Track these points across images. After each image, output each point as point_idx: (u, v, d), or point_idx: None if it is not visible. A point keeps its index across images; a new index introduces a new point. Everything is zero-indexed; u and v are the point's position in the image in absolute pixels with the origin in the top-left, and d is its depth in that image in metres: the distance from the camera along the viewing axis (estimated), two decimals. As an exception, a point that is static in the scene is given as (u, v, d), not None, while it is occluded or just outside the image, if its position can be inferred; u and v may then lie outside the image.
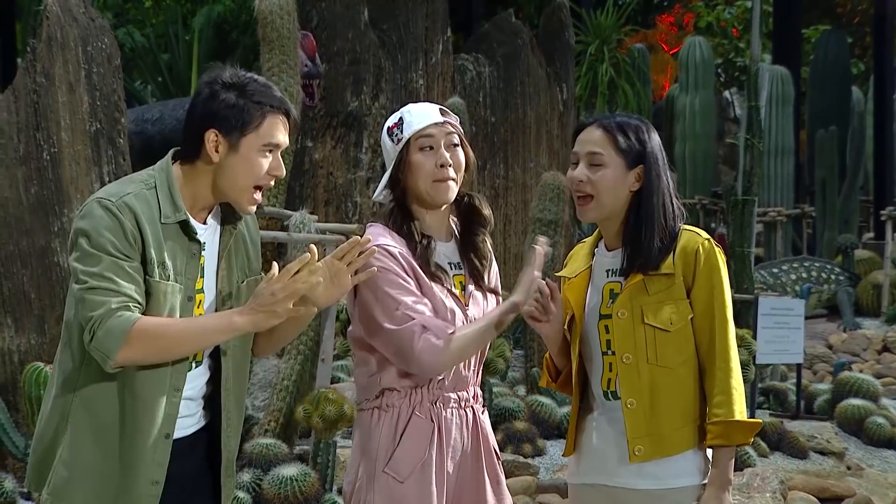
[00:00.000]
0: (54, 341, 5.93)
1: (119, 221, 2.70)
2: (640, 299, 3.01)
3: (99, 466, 2.75)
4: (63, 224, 5.97)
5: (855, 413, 7.85)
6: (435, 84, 10.44)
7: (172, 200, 2.79)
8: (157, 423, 2.75)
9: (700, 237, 3.05)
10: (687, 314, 3.01)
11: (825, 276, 13.02)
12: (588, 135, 3.08)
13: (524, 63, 10.83)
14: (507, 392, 7.33)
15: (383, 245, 3.01)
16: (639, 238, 3.02)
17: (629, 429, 3.01)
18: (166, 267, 2.75)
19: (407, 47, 10.25)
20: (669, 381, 3.01)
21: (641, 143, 3.05)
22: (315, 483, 5.46)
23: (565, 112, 11.18)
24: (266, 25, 7.28)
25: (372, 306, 3.00)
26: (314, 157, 9.84)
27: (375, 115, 9.99)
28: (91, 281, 2.66)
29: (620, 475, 3.04)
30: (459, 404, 3.10)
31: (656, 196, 3.03)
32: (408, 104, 3.20)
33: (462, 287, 3.13)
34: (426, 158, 3.05)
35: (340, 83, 9.85)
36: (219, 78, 2.83)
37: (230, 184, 2.81)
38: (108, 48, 6.30)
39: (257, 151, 2.81)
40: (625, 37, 17.86)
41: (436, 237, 3.11)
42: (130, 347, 2.63)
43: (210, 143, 2.79)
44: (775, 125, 16.20)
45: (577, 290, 3.13)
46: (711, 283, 3.01)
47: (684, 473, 3.01)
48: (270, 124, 2.81)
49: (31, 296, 5.90)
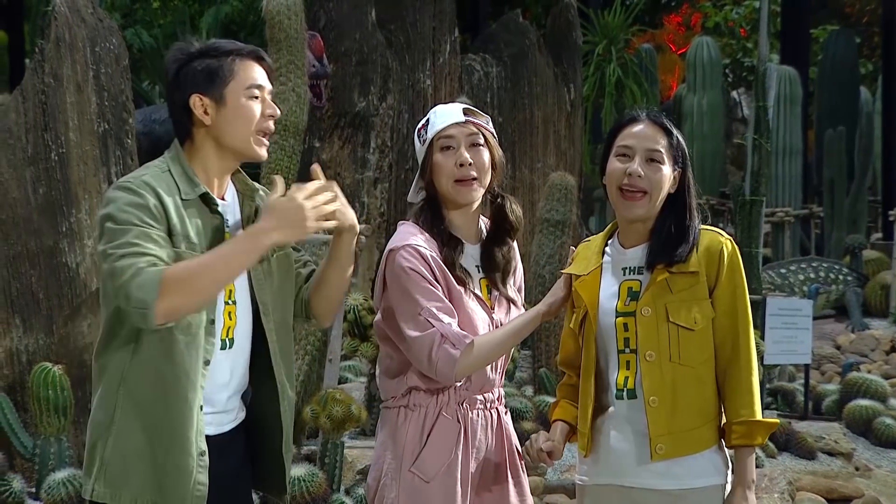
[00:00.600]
0: (62, 341, 5.94)
1: (141, 196, 2.73)
2: (664, 297, 3.00)
3: (150, 450, 2.79)
4: (71, 224, 5.98)
5: (863, 414, 7.83)
6: (442, 84, 10.44)
7: (188, 177, 2.82)
8: (197, 394, 2.78)
9: (722, 237, 3.07)
10: (709, 314, 3.01)
11: (833, 276, 12.99)
12: (644, 130, 3.06)
13: (531, 63, 10.82)
14: (514, 392, 7.33)
15: (414, 245, 3.04)
16: (670, 237, 3.03)
17: (651, 426, 3.00)
18: (192, 241, 2.77)
19: (414, 47, 10.26)
20: (690, 379, 3.01)
21: (682, 145, 3.11)
22: (322, 483, 5.46)
23: (573, 112, 11.17)
24: (273, 26, 7.27)
25: (397, 307, 3.03)
26: (322, 158, 9.84)
27: (383, 116, 9.99)
28: (117, 251, 2.67)
29: (639, 475, 3.03)
30: (485, 405, 3.14)
31: (691, 197, 3.09)
32: (436, 105, 3.23)
33: (489, 291, 3.15)
34: (446, 158, 3.07)
35: (348, 83, 9.86)
36: (182, 49, 2.88)
37: (231, 138, 2.85)
38: (116, 49, 6.31)
39: (244, 97, 2.84)
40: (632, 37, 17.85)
41: (464, 238, 3.13)
42: (167, 294, 2.61)
43: (198, 109, 2.83)
44: (783, 125, 16.18)
45: (591, 288, 3.11)
46: (734, 283, 3.03)
47: (704, 473, 3.01)
48: (245, 68, 2.85)
49: (39, 296, 5.91)
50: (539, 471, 6.36)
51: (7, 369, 5.85)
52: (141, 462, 2.79)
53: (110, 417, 2.80)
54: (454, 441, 3.06)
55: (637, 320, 3.03)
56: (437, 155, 3.08)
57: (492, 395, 3.15)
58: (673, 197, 3.07)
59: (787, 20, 18.06)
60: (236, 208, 2.93)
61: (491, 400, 3.15)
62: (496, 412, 3.16)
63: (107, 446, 2.80)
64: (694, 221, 3.07)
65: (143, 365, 2.77)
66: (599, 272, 3.12)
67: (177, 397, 2.77)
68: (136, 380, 2.79)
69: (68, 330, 5.97)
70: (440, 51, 10.38)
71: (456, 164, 3.06)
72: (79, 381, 5.76)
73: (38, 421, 5.59)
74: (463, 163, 3.06)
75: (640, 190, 3.03)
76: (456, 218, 3.13)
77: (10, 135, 5.91)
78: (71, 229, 5.98)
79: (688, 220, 3.06)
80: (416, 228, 3.10)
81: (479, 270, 3.14)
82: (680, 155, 3.09)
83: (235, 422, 2.94)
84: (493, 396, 3.15)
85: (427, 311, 2.98)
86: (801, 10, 17.81)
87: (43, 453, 5.57)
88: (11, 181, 5.87)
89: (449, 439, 3.06)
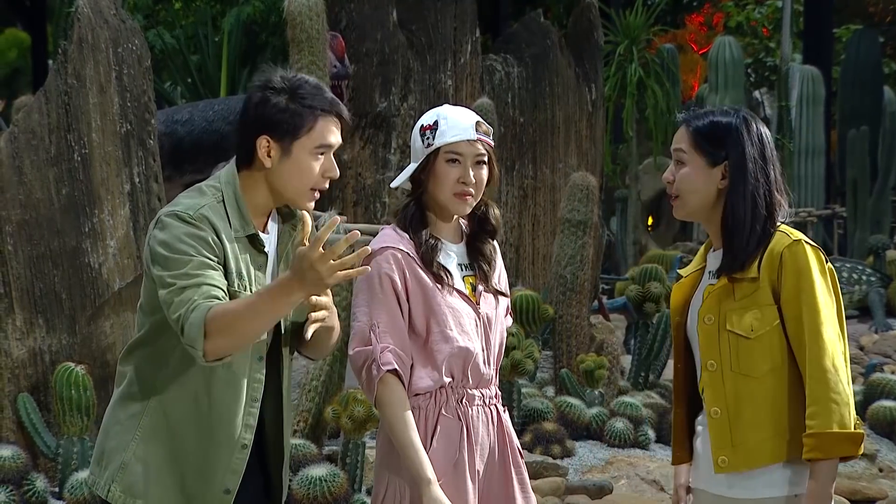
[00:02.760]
0: (85, 342, 5.96)
1: (199, 230, 2.71)
2: (725, 304, 2.92)
3: (172, 468, 2.78)
4: (94, 225, 6.01)
5: (887, 415, 7.79)
6: (463, 85, 10.44)
7: (241, 214, 2.80)
8: (236, 432, 2.77)
9: (788, 238, 2.92)
10: (772, 320, 2.88)
11: (856, 277, 12.93)
12: (677, 133, 3.02)
13: (553, 63, 10.80)
14: (535, 393, 7.32)
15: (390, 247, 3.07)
16: (731, 237, 2.93)
17: (713, 438, 2.93)
18: (243, 277, 2.77)
19: (436, 48, 10.26)
20: (755, 390, 2.90)
21: (727, 141, 2.94)
22: (344, 483, 5.46)
23: (594, 112, 11.15)
24: (295, 27, 7.29)
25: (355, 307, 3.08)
26: (343, 158, 9.85)
27: (404, 116, 10.00)
28: (178, 282, 2.65)
29: (716, 482, 2.97)
30: (483, 402, 3.13)
31: (743, 194, 2.91)
32: (444, 105, 3.21)
33: (472, 287, 3.15)
34: (451, 171, 3.07)
35: (369, 84, 9.86)
36: (269, 82, 2.82)
37: (284, 188, 2.81)
38: (139, 50, 6.33)
39: (309, 154, 2.80)
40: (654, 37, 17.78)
41: (445, 238, 3.14)
42: (211, 335, 2.59)
43: (262, 150, 2.78)
44: (806, 125, 16.11)
45: (683, 291, 3.07)
46: (799, 286, 2.86)
47: (773, 484, 2.90)
48: (322, 127, 2.80)
49: (62, 296, 5.93)
50: (560, 471, 6.35)
51: (30, 369, 5.88)
52: (163, 478, 2.78)
53: (136, 420, 2.79)
54: (458, 439, 3.07)
55: (699, 328, 2.97)
56: (441, 165, 3.07)
57: (488, 391, 3.15)
58: (728, 193, 2.94)
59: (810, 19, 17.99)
60: (275, 238, 2.92)
61: (489, 396, 3.14)
62: (495, 409, 3.16)
63: (128, 449, 2.80)
64: (756, 221, 2.91)
65: (180, 384, 2.77)
66: (699, 275, 3.07)
67: (210, 431, 2.76)
68: (170, 396, 2.78)
69: (91, 330, 5.99)
70: (461, 51, 10.38)
71: (458, 180, 3.07)
72: (101, 381, 5.78)
73: (60, 421, 5.62)
74: (467, 181, 3.07)
75: (674, 194, 3.00)
76: (441, 220, 3.15)
77: (33, 135, 5.94)
78: (94, 230, 6.01)
79: (743, 218, 2.91)
80: (395, 232, 3.12)
81: (463, 269, 3.15)
82: (719, 151, 2.94)
83: None
84: (490, 393, 3.15)
85: (376, 327, 3.02)
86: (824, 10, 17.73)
87: (66, 453, 5.60)
88: (35, 182, 5.90)
89: (453, 438, 3.06)
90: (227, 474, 2.78)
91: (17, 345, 5.84)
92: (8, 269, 5.82)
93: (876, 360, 10.08)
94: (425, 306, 3.05)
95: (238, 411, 2.77)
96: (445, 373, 3.06)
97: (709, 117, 3.00)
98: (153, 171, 6.29)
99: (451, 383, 3.08)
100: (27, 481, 5.48)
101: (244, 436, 2.79)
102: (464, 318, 3.08)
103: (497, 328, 3.17)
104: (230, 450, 2.78)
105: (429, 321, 3.05)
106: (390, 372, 3.00)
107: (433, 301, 3.05)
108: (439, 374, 3.05)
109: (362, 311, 3.05)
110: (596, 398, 7.31)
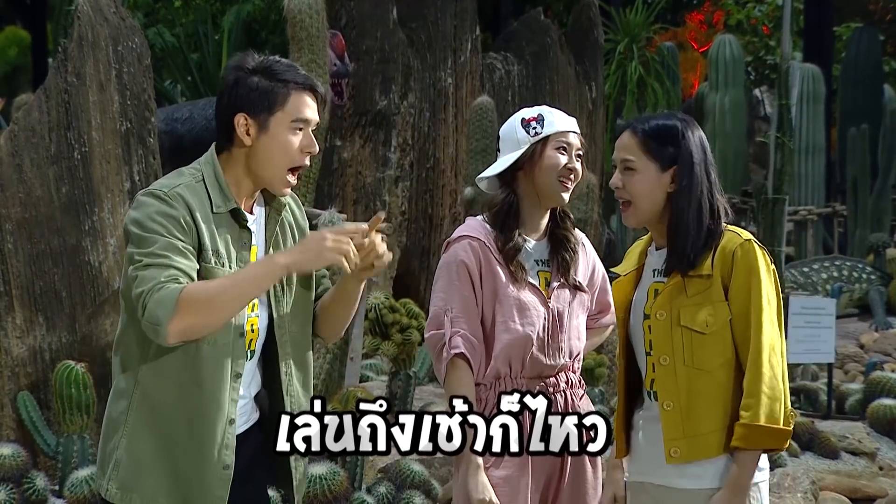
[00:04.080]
0: (85, 340, 5.96)
1: (171, 207, 2.74)
2: (678, 301, 2.99)
3: (165, 455, 2.79)
4: (94, 223, 6.01)
5: (887, 413, 7.79)
6: (463, 83, 10.44)
7: (221, 190, 2.83)
8: (224, 409, 2.79)
9: (739, 237, 3.01)
10: (725, 316, 2.98)
11: (856, 275, 12.94)
12: (621, 141, 3.09)
13: (553, 62, 10.81)
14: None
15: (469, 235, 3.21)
16: (678, 238, 3.01)
17: (665, 430, 3.00)
18: (220, 255, 2.79)
19: (436, 46, 10.26)
20: (707, 383, 2.98)
21: (675, 144, 3.02)
22: (344, 482, 5.46)
23: (594, 111, 11.15)
24: (295, 24, 7.29)
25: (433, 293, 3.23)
26: (343, 156, 9.85)
27: (404, 114, 10.00)
28: (144, 259, 2.69)
29: (664, 474, 3.03)
30: (547, 390, 3.19)
31: (691, 196, 3.00)
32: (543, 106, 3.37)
33: (546, 283, 3.25)
34: (561, 158, 3.21)
35: (369, 82, 9.87)
36: (243, 63, 2.87)
37: (264, 165, 2.85)
38: (139, 48, 6.33)
39: (287, 129, 2.84)
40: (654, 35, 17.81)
41: (528, 234, 3.26)
42: (182, 314, 2.63)
43: (240, 128, 2.83)
44: (806, 123, 16.12)
45: (624, 289, 3.15)
46: (749, 283, 2.97)
47: (721, 475, 2.97)
48: (297, 100, 2.84)
49: (62, 294, 5.94)
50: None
51: (30, 367, 5.88)
52: (155, 467, 2.79)
53: (124, 416, 2.81)
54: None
55: (651, 324, 3.03)
56: (550, 151, 3.22)
57: (555, 379, 3.22)
58: (676, 196, 3.02)
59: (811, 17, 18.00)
60: (263, 222, 2.94)
61: (554, 384, 3.21)
62: (563, 396, 3.22)
63: (119, 446, 2.81)
64: (704, 220, 3.00)
65: (162, 371, 2.78)
66: (638, 274, 3.14)
67: (199, 411, 2.77)
68: (154, 384, 2.79)
69: (91, 328, 6.00)
70: (461, 49, 10.38)
71: (566, 166, 3.22)
72: (101, 379, 5.78)
73: (60, 419, 5.62)
74: (573, 169, 3.23)
75: (625, 199, 3.06)
76: (530, 214, 3.27)
77: (33, 133, 5.94)
78: (94, 228, 6.01)
79: (692, 218, 2.99)
80: (480, 224, 3.25)
81: (539, 264, 3.26)
82: (669, 155, 3.02)
83: (248, 423, 2.94)
84: (556, 381, 3.22)
85: (450, 312, 3.15)
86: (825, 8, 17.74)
87: (66, 451, 5.60)
88: (35, 180, 5.90)
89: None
90: (222, 451, 2.80)
91: (17, 343, 5.84)
92: (8, 268, 5.82)
93: (876, 358, 10.09)
94: (494, 297, 3.17)
95: (224, 387, 2.79)
96: (503, 363, 3.17)
97: (653, 121, 3.07)
98: (153, 170, 6.29)
99: (510, 373, 3.18)
100: (27, 479, 5.47)
101: (231, 411, 2.81)
102: (531, 310, 3.18)
103: (571, 322, 3.25)
104: (222, 426, 2.79)
105: (494, 311, 3.17)
106: (458, 356, 3.13)
107: (502, 293, 3.17)
108: (497, 364, 3.17)
109: (439, 297, 3.20)
110: (596, 396, 7.32)
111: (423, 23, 10.27)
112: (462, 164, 9.93)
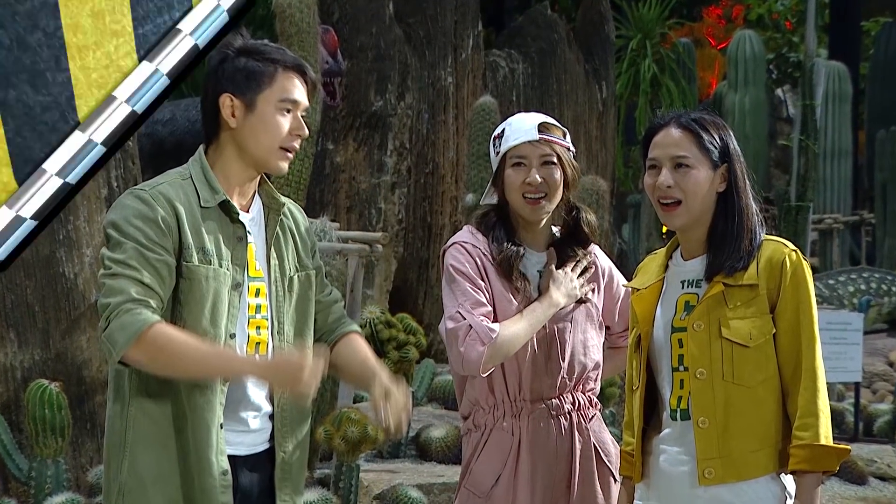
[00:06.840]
0: (60, 357, 5.97)
1: (151, 208, 2.78)
2: (718, 311, 2.99)
3: (168, 471, 2.84)
4: (69, 232, 6.02)
5: (918, 436, 7.81)
6: (465, 82, 10.47)
7: (209, 184, 2.88)
8: (216, 413, 2.84)
9: (787, 248, 3.03)
10: (769, 330, 2.98)
11: (885, 287, 12.95)
12: (667, 137, 3.06)
13: (560, 59, 10.84)
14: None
15: (459, 241, 3.26)
16: (725, 241, 3.01)
17: (699, 449, 2.99)
18: (207, 252, 2.83)
19: (435, 43, 10.28)
20: (746, 400, 2.98)
21: (723, 140, 3.05)
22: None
23: (605, 112, 11.18)
24: (284, 20, 7.32)
25: (445, 304, 3.24)
26: (335, 161, 9.88)
27: (401, 116, 10.02)
28: (115, 267, 2.75)
29: (690, 498, 3.01)
30: (550, 412, 3.22)
31: (743, 195, 3.04)
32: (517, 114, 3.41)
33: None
34: (517, 174, 3.24)
35: (364, 81, 9.89)
36: (229, 45, 2.91)
37: (254, 146, 2.89)
38: (117, 45, 6.35)
39: (275, 109, 2.88)
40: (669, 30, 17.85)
41: (529, 245, 3.30)
42: (139, 350, 2.70)
43: (226, 109, 2.87)
44: (832, 125, 16.15)
45: (647, 303, 3.13)
46: (798, 298, 2.98)
47: (758, 500, 2.96)
48: (284, 80, 2.89)
49: (34, 308, 5.95)
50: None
51: (1, 387, 5.89)
52: (160, 484, 2.84)
53: (122, 437, 2.86)
54: (506, 453, 3.20)
55: (688, 335, 3.02)
56: (508, 170, 3.26)
57: (558, 401, 3.24)
58: (723, 197, 3.04)
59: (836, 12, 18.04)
60: (262, 223, 2.98)
61: (557, 406, 3.24)
62: (567, 418, 3.25)
63: (122, 469, 2.85)
64: (750, 222, 3.03)
65: (152, 381, 2.83)
66: (660, 286, 3.13)
67: (192, 416, 2.83)
68: (146, 397, 2.85)
69: (66, 344, 6.00)
70: (462, 46, 10.41)
71: (524, 182, 3.23)
72: (77, 399, 5.79)
73: (33, 442, 5.63)
74: (532, 182, 3.23)
75: (674, 200, 3.04)
76: (523, 227, 3.31)
77: (4, 137, 5.96)
78: (69, 237, 6.02)
79: (741, 220, 3.02)
80: (470, 231, 3.30)
81: (540, 276, 3.29)
82: (719, 151, 3.04)
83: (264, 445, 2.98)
84: (559, 403, 3.24)
85: (462, 307, 3.17)
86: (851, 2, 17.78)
87: (39, 476, 5.61)
88: (6, 186, 5.92)
89: (499, 453, 3.20)
90: (219, 456, 2.85)
91: (-13, 360, 5.85)
92: (-23, 280, 5.84)
93: (907, 376, 10.10)
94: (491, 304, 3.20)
95: (216, 390, 2.85)
96: (498, 385, 3.22)
97: (695, 116, 3.08)
98: (132, 175, 6.31)
99: (507, 395, 3.22)
100: (-3, 507, 5.49)
101: (219, 414, 2.86)
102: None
103: (575, 336, 3.28)
104: (216, 431, 2.85)
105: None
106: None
107: (497, 304, 3.20)
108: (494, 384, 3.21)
109: (450, 304, 3.21)
110: (607, 418, 7.32)
111: (422, 18, 10.30)
112: (463, 169, 9.96)
